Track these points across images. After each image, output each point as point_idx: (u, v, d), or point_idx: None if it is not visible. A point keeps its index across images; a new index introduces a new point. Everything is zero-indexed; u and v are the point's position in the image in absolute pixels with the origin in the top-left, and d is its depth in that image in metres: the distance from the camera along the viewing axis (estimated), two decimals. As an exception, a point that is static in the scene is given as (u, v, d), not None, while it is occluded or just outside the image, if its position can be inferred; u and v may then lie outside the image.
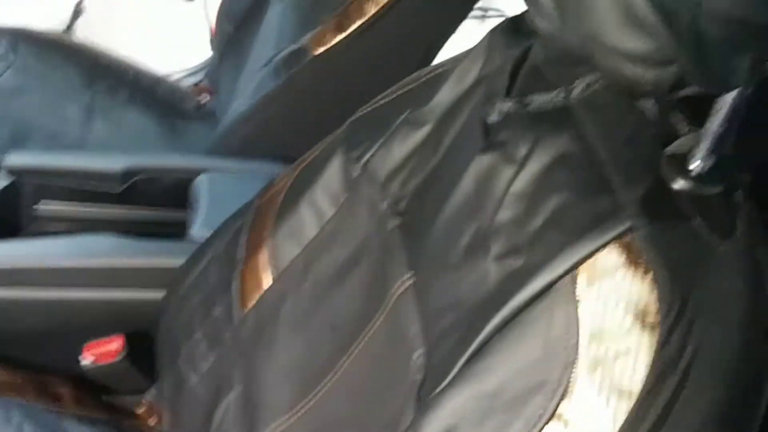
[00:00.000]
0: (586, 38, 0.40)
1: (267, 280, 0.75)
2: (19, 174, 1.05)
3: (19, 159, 1.05)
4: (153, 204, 1.06)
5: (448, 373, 0.47)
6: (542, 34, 0.47)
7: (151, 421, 0.98)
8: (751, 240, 0.45)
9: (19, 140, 1.20)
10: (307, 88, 1.06)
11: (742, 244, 0.44)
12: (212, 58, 1.54)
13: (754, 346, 0.43)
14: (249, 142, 1.09)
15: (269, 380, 0.71)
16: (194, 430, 0.78)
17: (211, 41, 2.03)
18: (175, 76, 1.59)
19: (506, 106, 0.54)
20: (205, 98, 1.44)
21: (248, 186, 0.92)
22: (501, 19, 1.21)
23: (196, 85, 1.50)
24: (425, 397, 0.49)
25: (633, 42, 0.37)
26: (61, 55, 1.39)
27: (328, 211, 0.72)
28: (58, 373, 0.96)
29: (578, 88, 0.50)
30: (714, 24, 0.35)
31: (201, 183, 1.01)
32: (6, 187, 1.03)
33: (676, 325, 0.41)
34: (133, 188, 1.04)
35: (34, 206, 1.05)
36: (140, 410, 0.99)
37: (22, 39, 1.39)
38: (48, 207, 1.06)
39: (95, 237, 0.93)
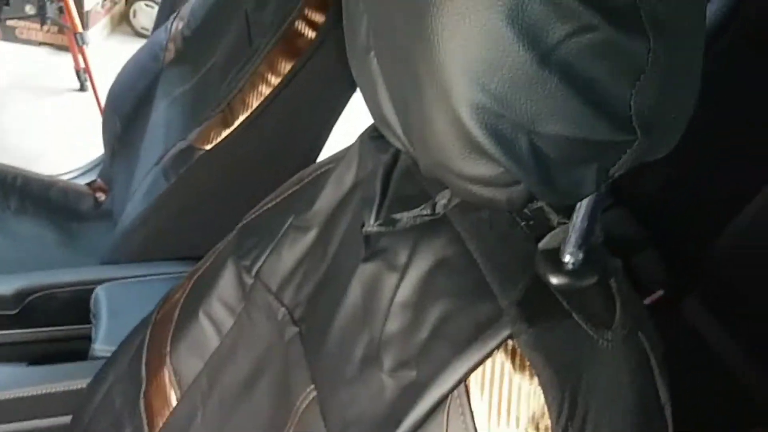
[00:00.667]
0: (434, 165, 0.41)
1: (173, 398, 0.73)
2: None
3: None
4: (53, 322, 1.02)
5: None
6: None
7: None
8: (632, 324, 0.46)
9: None
10: (199, 186, 1.05)
11: (622, 332, 0.46)
12: (104, 155, 1.52)
13: (646, 429, 0.45)
14: (147, 245, 1.07)
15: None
16: None
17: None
18: (70, 176, 1.56)
19: (375, 227, 0.55)
20: (101, 197, 1.41)
21: (149, 293, 0.91)
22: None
23: (90, 184, 1.47)
24: None
25: (478, 168, 0.38)
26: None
27: (227, 321, 0.71)
28: None
29: (442, 201, 0.51)
30: (552, 146, 0.37)
31: (100, 295, 0.98)
32: None
33: (570, 424, 0.42)
34: (30, 308, 1.00)
35: None
36: None
37: None
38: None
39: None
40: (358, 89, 1.08)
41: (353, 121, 1.08)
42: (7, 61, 2.50)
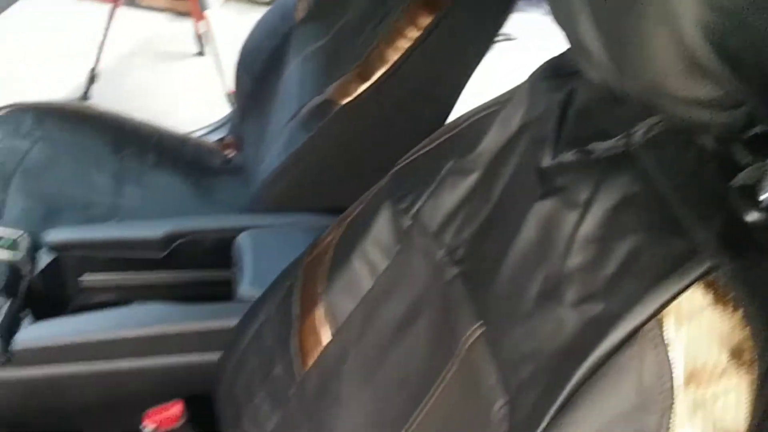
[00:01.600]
0: (647, 88, 0.41)
1: (326, 336, 0.76)
2: (61, 249, 1.06)
3: (59, 235, 1.06)
4: (196, 266, 1.07)
5: (536, 426, 0.47)
6: (594, 81, 0.47)
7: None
8: None
9: (53, 213, 1.22)
10: (337, 139, 1.07)
11: None
12: (233, 113, 1.56)
13: None
14: (286, 197, 1.10)
15: (338, 436, 0.71)
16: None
17: (228, 96, 2.06)
18: (199, 133, 1.62)
19: (567, 156, 0.54)
20: (231, 153, 1.46)
21: (290, 241, 0.94)
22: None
23: (221, 140, 1.53)
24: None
25: (699, 90, 0.38)
26: (87, 125, 1.42)
27: (381, 263, 0.73)
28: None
29: (640, 132, 0.50)
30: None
31: (243, 241, 1.02)
32: (50, 263, 1.04)
33: None
34: (175, 252, 1.05)
35: (79, 278, 1.07)
36: (202, 474, 0.99)
37: (46, 113, 1.42)
38: (93, 278, 1.07)
39: (144, 306, 0.94)
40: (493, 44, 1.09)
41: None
42: (130, 27, 2.60)
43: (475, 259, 0.62)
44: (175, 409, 0.93)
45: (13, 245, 1.02)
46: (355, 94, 1.04)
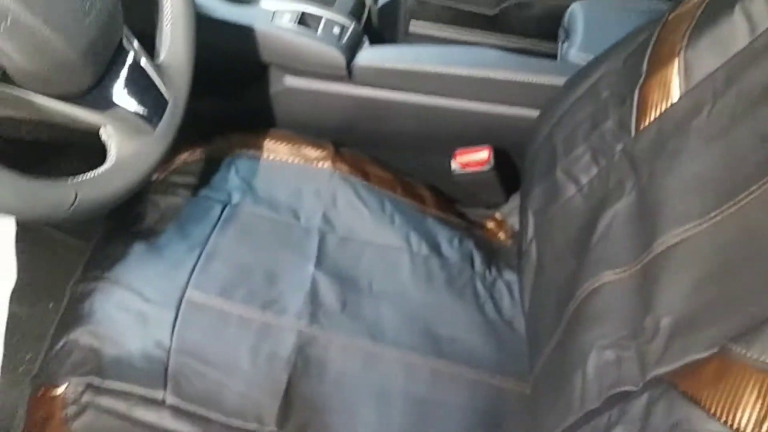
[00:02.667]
0: None
1: (675, 93, 0.74)
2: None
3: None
4: (523, 32, 1.07)
5: None
6: None
7: (501, 235, 1.03)
8: None
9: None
10: None
11: None
12: None
13: None
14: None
15: (671, 188, 0.70)
16: (567, 234, 0.81)
17: None
18: None
19: None
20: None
21: (624, 15, 0.90)
22: None
23: None
24: None
25: None
26: None
27: (765, 21, 0.68)
28: (423, 178, 1.03)
29: None
30: None
31: (576, 10, 1.00)
32: (386, 4, 1.09)
33: None
34: (505, 13, 1.06)
35: (409, 23, 1.12)
36: (490, 224, 1.04)
37: None
38: (421, 25, 1.11)
39: (479, 49, 0.97)
40: None
41: None
42: None
43: None
44: (483, 153, 0.98)
45: (363, -23, 1.08)
46: None
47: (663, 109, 0.74)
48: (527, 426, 0.80)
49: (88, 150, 0.67)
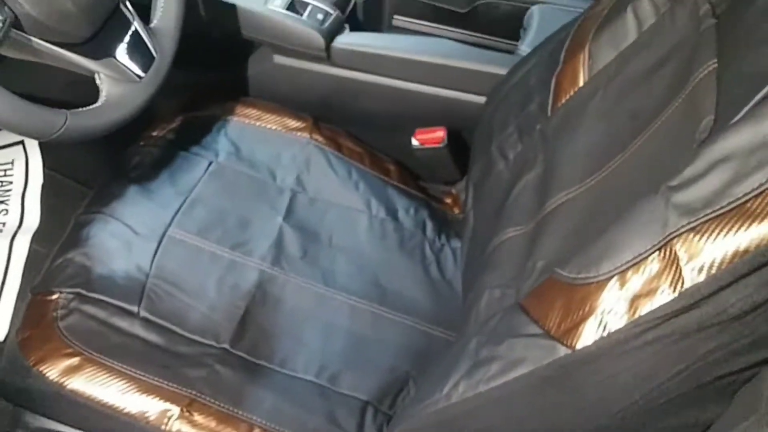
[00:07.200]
0: None
1: (581, 79, 0.86)
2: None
3: (385, -28, 1.25)
4: (490, 30, 1.20)
5: (733, 117, 0.55)
6: None
7: (455, 209, 1.16)
8: None
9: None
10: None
11: None
12: None
13: None
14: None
15: (565, 159, 0.83)
16: (493, 202, 0.94)
17: None
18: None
19: None
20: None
21: (572, 17, 1.02)
22: None
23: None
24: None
25: None
26: None
27: (649, 19, 0.80)
28: (390, 153, 1.17)
29: None
30: None
31: (534, 12, 1.13)
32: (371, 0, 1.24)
33: None
34: (475, 12, 1.19)
35: (392, 18, 1.26)
36: (447, 199, 1.17)
37: None
38: (403, 20, 1.25)
39: (442, 40, 1.11)
40: None
41: None
42: None
43: (733, 12, 0.68)
44: (439, 133, 1.11)
45: (351, -28, 1.22)
46: None
47: (571, 93, 0.87)
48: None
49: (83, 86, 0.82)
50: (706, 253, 0.52)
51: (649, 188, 0.59)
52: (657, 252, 0.54)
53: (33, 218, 1.21)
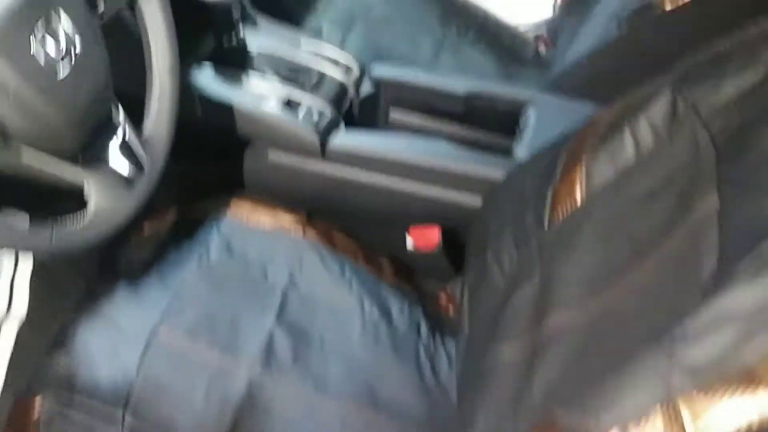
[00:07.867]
0: None
1: (579, 196, 0.85)
2: (380, 84, 1.25)
3: (382, 71, 1.26)
4: (486, 127, 1.20)
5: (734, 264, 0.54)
6: None
7: (449, 308, 1.14)
8: None
9: (379, 59, 1.42)
10: (646, 44, 1.12)
11: None
12: (557, 13, 1.64)
13: None
14: (578, 85, 1.18)
15: (563, 277, 0.81)
16: (488, 311, 0.92)
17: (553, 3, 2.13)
18: (520, 29, 1.73)
19: None
20: (542, 48, 1.56)
21: (571, 121, 1.02)
22: None
23: (536, 37, 1.62)
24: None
25: None
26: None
27: (648, 142, 0.80)
28: (383, 249, 1.16)
29: None
30: None
31: (530, 113, 1.13)
32: (370, 94, 1.24)
33: None
34: (472, 109, 1.19)
35: (388, 111, 1.26)
36: (442, 297, 1.16)
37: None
38: (400, 114, 1.25)
39: (433, 140, 1.10)
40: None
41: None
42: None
43: (734, 145, 0.67)
44: (433, 234, 1.10)
45: (347, 71, 1.23)
46: (681, 2, 1.07)
47: (568, 209, 0.86)
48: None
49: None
50: (712, 416, 0.50)
51: (650, 332, 0.57)
52: (659, 407, 0.53)
53: (21, 305, 1.19)
